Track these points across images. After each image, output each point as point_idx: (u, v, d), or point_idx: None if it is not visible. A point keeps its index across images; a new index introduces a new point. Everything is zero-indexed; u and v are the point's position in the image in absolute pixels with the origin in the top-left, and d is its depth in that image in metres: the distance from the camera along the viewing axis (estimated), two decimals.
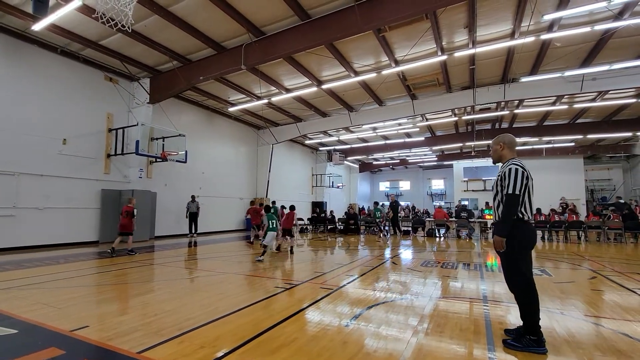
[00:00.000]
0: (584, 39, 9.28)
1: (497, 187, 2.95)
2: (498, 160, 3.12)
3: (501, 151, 3.06)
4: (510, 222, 2.76)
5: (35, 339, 2.90)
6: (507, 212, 2.76)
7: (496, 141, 3.11)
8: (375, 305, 4.00)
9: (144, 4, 7.67)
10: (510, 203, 2.75)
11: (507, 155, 3.03)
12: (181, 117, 13.78)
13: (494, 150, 3.13)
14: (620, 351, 2.72)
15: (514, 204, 2.75)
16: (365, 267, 6.63)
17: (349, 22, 8.03)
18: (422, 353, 2.68)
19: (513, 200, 2.74)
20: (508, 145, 3.04)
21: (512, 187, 2.75)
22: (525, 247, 2.81)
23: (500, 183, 2.89)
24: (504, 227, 2.78)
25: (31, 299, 4.17)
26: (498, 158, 3.11)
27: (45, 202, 9.47)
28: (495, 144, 3.11)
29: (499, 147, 3.08)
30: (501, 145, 3.06)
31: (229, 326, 3.26)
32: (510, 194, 2.75)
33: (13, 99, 8.93)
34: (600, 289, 4.92)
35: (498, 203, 2.93)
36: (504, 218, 2.79)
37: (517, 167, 2.80)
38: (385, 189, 35.79)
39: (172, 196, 13.23)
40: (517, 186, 2.74)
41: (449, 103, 13.45)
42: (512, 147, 3.05)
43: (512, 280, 2.86)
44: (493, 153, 3.15)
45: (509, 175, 2.79)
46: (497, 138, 3.13)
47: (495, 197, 2.96)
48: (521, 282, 2.78)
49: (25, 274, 5.80)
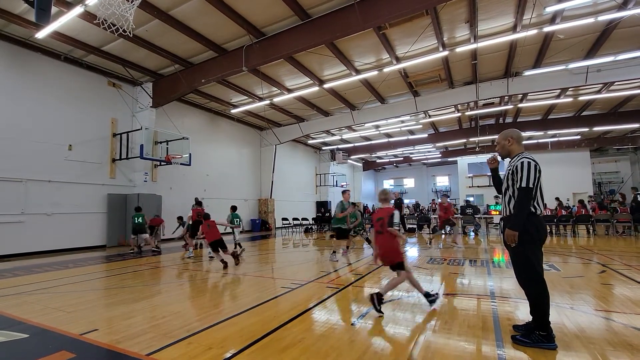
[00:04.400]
0: (587, 30, 9.16)
1: (507, 181, 2.91)
2: (507, 155, 3.07)
3: (510, 146, 3.03)
4: (524, 215, 2.73)
5: (46, 343, 2.94)
6: (521, 205, 2.73)
7: (504, 136, 3.07)
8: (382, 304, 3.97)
9: (145, 8, 7.72)
10: (524, 196, 2.72)
11: (516, 149, 3.00)
12: (184, 120, 13.86)
13: (502, 146, 3.08)
14: (632, 345, 2.68)
15: (529, 197, 2.72)
16: (371, 266, 6.61)
17: (349, 21, 8.01)
18: (430, 351, 2.67)
19: (528, 193, 2.71)
20: (516, 139, 3.01)
21: (526, 180, 2.71)
22: (537, 241, 2.77)
23: (512, 177, 2.85)
24: (517, 220, 2.74)
25: (41, 304, 4.22)
26: (507, 153, 3.06)
27: (53, 208, 9.59)
28: (504, 139, 3.06)
29: (507, 142, 3.04)
30: (509, 140, 3.02)
31: (236, 327, 3.27)
32: (524, 187, 2.72)
33: (18, 106, 9.05)
34: (610, 283, 4.86)
35: (509, 197, 2.88)
36: (518, 212, 2.75)
37: (529, 160, 2.77)
38: (389, 186, 35.67)
39: (178, 199, 13.30)
40: (531, 179, 2.71)
41: (452, 99, 13.36)
42: (520, 142, 3.02)
43: (523, 275, 2.82)
44: (501, 149, 3.10)
45: (521, 168, 2.76)
46: (503, 133, 3.09)
47: (506, 191, 2.92)
48: (533, 277, 2.74)
49: (35, 279, 5.88)
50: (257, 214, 18.29)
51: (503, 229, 2.92)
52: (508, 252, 2.95)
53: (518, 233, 2.72)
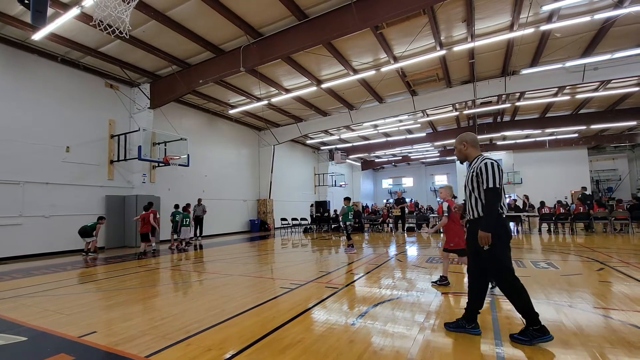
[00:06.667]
0: (584, 29, 9.20)
1: (471, 184, 2.93)
2: (464, 159, 3.12)
3: (465, 150, 3.08)
4: (495, 216, 2.76)
5: (45, 346, 2.93)
6: (492, 206, 2.76)
7: (459, 141, 3.13)
8: (381, 303, 3.99)
9: (142, 9, 7.69)
10: (493, 197, 2.75)
11: (473, 153, 3.05)
12: (182, 121, 13.84)
13: (458, 150, 3.14)
14: (630, 342, 2.69)
15: (498, 197, 2.76)
16: (370, 265, 6.62)
17: (346, 21, 8.02)
18: (429, 350, 2.67)
19: (497, 193, 2.75)
20: (471, 143, 3.07)
21: (492, 180, 2.75)
22: (507, 240, 2.83)
23: (477, 179, 2.88)
24: (489, 221, 2.76)
25: (39, 307, 4.21)
26: (464, 157, 3.12)
27: (51, 210, 9.55)
28: (459, 144, 3.12)
29: (462, 147, 3.09)
30: (464, 144, 3.08)
31: (235, 328, 3.27)
32: (492, 188, 2.75)
33: (15, 108, 9.01)
34: (608, 281, 4.88)
35: (475, 200, 2.91)
36: (488, 213, 2.78)
37: (492, 161, 2.83)
38: (388, 186, 35.72)
39: (176, 200, 13.24)
40: (497, 179, 2.75)
41: (450, 98, 13.39)
42: (476, 145, 3.08)
43: (499, 275, 2.85)
44: (458, 153, 3.16)
45: (485, 170, 2.80)
46: (459, 137, 3.15)
47: (472, 194, 2.93)
48: (508, 278, 2.78)
49: (33, 281, 5.86)
50: (256, 215, 18.28)
51: (469, 233, 2.97)
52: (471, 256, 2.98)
53: (492, 238, 2.75)
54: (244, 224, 17.33)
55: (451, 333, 2.98)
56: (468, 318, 2.96)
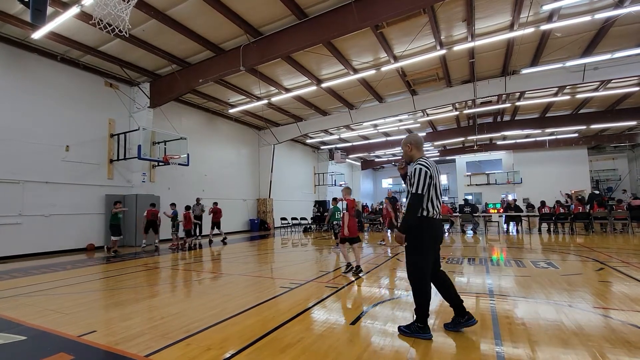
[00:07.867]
0: (584, 28, 9.19)
1: (409, 185, 3.05)
2: (410, 160, 3.18)
3: (410, 152, 3.16)
4: (411, 219, 2.89)
5: (44, 345, 2.93)
6: (409, 210, 2.90)
7: (405, 142, 3.20)
8: (381, 303, 3.99)
9: (141, 8, 7.68)
10: (413, 202, 2.88)
11: (416, 154, 3.12)
12: (182, 121, 13.82)
13: (405, 152, 3.21)
14: (629, 342, 2.69)
15: (417, 202, 2.87)
16: (370, 265, 6.62)
17: (346, 20, 8.00)
18: (429, 349, 2.67)
19: (416, 199, 2.87)
20: (415, 145, 3.14)
21: (416, 187, 2.86)
22: (427, 241, 2.91)
23: (410, 181, 2.98)
24: (405, 223, 2.91)
25: (39, 306, 4.20)
26: (409, 158, 3.18)
27: (51, 209, 9.55)
28: (404, 146, 3.20)
29: (407, 149, 3.17)
30: (409, 146, 3.15)
31: (235, 327, 3.27)
32: (414, 194, 2.88)
33: (15, 108, 9.00)
34: (608, 280, 4.88)
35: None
36: (407, 215, 2.92)
37: (421, 167, 2.90)
38: (388, 185, 35.71)
39: (176, 200, 13.24)
40: (420, 186, 2.85)
41: (450, 97, 13.38)
42: (420, 147, 3.15)
43: (410, 271, 2.98)
44: (404, 154, 3.23)
45: (414, 174, 2.90)
46: (405, 139, 3.22)
47: (409, 194, 3.05)
48: (416, 275, 2.92)
49: (33, 280, 5.85)
50: (256, 214, 18.27)
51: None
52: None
53: (409, 238, 2.90)
54: (244, 223, 17.33)
55: (450, 333, 2.99)
56: (458, 313, 3.02)
